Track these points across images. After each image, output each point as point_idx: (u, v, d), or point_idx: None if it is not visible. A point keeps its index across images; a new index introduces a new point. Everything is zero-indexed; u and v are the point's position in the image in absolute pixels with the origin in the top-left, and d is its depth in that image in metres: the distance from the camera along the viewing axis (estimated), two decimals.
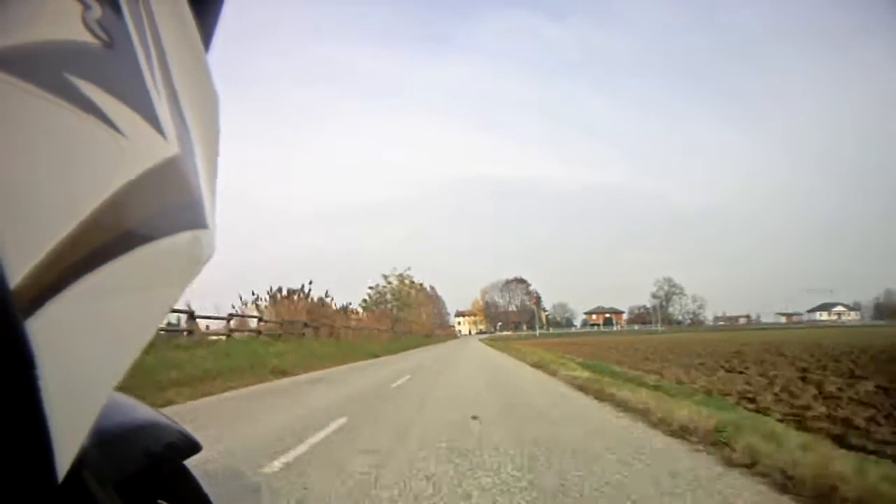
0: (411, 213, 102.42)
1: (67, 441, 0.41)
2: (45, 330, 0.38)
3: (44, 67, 0.42)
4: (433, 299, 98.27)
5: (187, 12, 0.63)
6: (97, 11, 0.47)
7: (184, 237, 0.56)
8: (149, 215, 0.51)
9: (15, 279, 0.36)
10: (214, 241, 0.63)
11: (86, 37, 0.46)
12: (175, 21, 0.61)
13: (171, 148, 0.55)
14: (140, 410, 0.82)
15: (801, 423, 5.83)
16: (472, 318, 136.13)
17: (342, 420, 6.15)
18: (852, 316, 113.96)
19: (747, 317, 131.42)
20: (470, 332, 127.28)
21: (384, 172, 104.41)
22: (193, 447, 0.86)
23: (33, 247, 0.38)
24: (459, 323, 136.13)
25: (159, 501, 0.77)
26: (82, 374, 0.44)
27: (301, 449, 4.67)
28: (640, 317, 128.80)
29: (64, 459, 0.40)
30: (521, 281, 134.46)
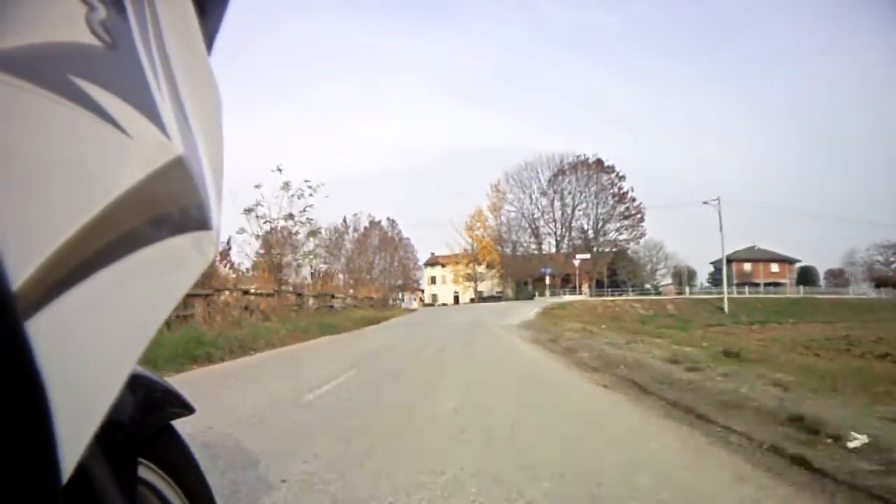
0: (402, 185, 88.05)
1: (73, 440, 0.41)
2: (48, 330, 0.38)
3: (48, 69, 0.42)
4: (391, 242, 56.67)
5: (191, 14, 0.64)
6: (101, 13, 0.48)
7: (188, 238, 0.57)
8: (153, 216, 0.51)
9: (19, 280, 0.36)
10: (219, 242, 0.64)
11: (90, 38, 0.46)
12: (179, 23, 0.62)
13: (175, 149, 0.55)
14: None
15: None
16: (467, 266, 57.59)
17: None
18: None
19: None
20: (457, 301, 58.38)
21: (377, 144, 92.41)
22: (184, 408, 0.85)
23: (38, 247, 0.38)
24: (434, 281, 65.18)
25: (140, 460, 0.74)
26: (87, 374, 0.44)
27: None
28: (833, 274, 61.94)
29: (69, 458, 0.40)
30: (604, 167, 54.30)
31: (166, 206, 0.54)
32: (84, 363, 0.44)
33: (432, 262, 65.22)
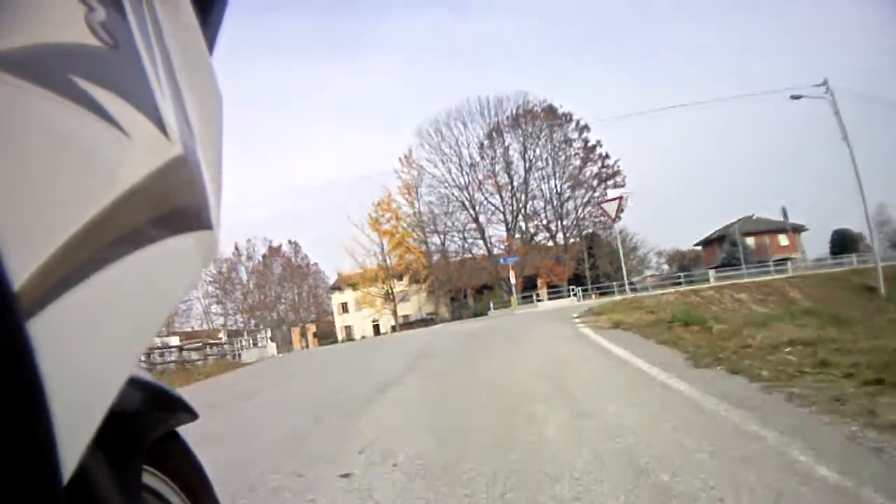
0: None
1: (73, 441, 0.41)
2: (49, 330, 0.38)
3: (49, 69, 0.42)
4: (298, 269, 47.80)
5: (191, 14, 0.63)
6: (101, 14, 0.48)
7: (189, 238, 0.56)
8: (154, 216, 0.51)
9: (20, 280, 0.36)
10: (219, 242, 0.64)
11: (90, 39, 0.46)
12: (179, 23, 0.61)
13: (175, 148, 0.55)
14: (132, 374, 0.79)
15: None
16: (382, 281, 38.62)
17: None
18: None
19: None
20: (378, 331, 39.91)
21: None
22: (189, 414, 0.84)
23: (38, 247, 0.38)
24: (345, 308, 46.55)
25: (145, 467, 0.73)
26: (87, 374, 0.44)
27: None
28: None
29: (70, 459, 0.40)
30: (557, 115, 36.71)
31: (167, 206, 0.53)
32: (85, 363, 0.43)
33: (340, 284, 44.51)
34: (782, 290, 20.55)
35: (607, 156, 37.11)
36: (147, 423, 0.74)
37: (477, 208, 38.05)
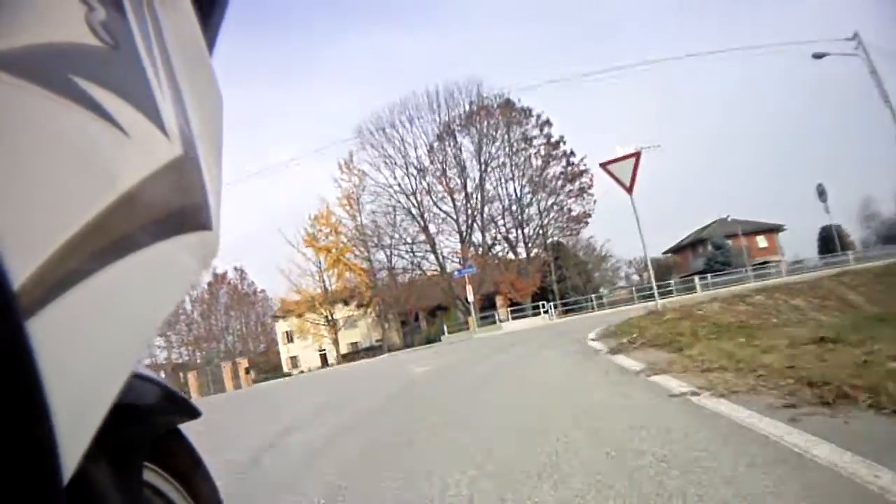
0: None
1: (74, 441, 0.40)
2: (49, 330, 0.38)
3: (49, 69, 0.42)
4: (245, 298, 45.21)
5: (192, 14, 0.63)
6: (101, 14, 0.48)
7: (189, 238, 0.56)
8: (154, 216, 0.51)
9: (19, 279, 0.36)
10: (219, 242, 0.63)
11: (90, 39, 0.46)
12: (179, 23, 0.61)
13: (175, 149, 0.55)
14: (135, 371, 0.77)
15: None
16: (320, 306, 35.24)
17: None
18: None
19: None
20: (326, 362, 36.93)
21: None
22: (191, 412, 0.84)
23: (38, 247, 0.38)
24: (289, 338, 40.50)
25: (146, 464, 0.73)
26: (88, 374, 0.44)
27: None
28: None
29: (70, 459, 0.40)
30: (515, 109, 32.20)
31: (167, 206, 0.53)
32: (85, 363, 0.43)
33: (283, 312, 39.67)
34: (836, 291, 15.65)
35: (572, 153, 32.55)
36: (150, 420, 0.74)
37: (426, 216, 32.86)
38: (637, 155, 8.43)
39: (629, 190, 8.41)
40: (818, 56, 18.98)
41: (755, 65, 59.96)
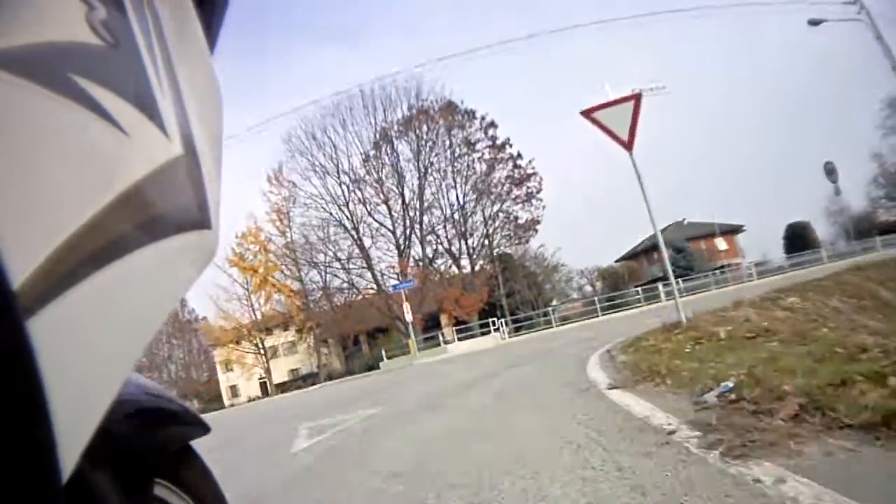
0: None
1: (73, 440, 0.40)
2: (49, 329, 0.38)
3: (49, 68, 0.42)
4: (186, 326, 41.77)
5: (192, 14, 0.63)
6: (102, 12, 0.48)
7: (188, 237, 0.56)
8: (154, 215, 0.51)
9: (19, 279, 0.36)
10: (218, 242, 0.63)
11: (91, 38, 0.46)
12: (180, 22, 0.61)
13: (174, 148, 0.55)
14: (145, 387, 0.77)
15: None
16: (249, 333, 32.84)
17: None
18: None
19: None
20: (266, 391, 33.32)
21: None
22: (202, 428, 0.84)
23: (37, 246, 0.38)
24: (229, 367, 36.19)
25: (157, 481, 0.73)
26: (87, 374, 0.44)
27: None
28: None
29: (69, 459, 0.40)
30: (457, 111, 29.67)
31: (167, 205, 0.53)
32: (84, 362, 0.43)
33: (213, 341, 36.07)
34: (865, 288, 13.02)
35: (519, 155, 30.17)
36: (161, 436, 0.74)
37: (360, 228, 29.89)
38: (637, 98, 5.80)
39: (628, 146, 5.73)
40: (814, 23, 16.79)
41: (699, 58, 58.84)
